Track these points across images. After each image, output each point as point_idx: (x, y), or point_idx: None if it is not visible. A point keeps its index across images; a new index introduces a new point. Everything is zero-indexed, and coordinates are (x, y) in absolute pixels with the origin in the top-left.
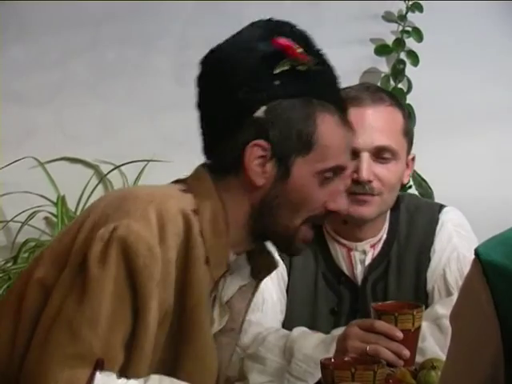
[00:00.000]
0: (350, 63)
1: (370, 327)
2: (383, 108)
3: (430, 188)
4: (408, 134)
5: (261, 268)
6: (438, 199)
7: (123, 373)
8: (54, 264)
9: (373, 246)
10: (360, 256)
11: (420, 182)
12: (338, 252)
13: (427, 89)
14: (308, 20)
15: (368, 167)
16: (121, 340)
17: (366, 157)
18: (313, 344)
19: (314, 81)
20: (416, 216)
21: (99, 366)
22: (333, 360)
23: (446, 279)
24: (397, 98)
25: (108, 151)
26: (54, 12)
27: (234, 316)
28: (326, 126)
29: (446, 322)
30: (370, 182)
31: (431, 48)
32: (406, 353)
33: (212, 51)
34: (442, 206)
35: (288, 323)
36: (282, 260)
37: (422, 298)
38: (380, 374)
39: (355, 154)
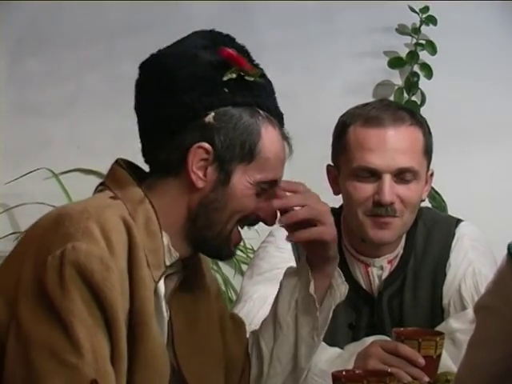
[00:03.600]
0: (363, 76)
1: (393, 350)
2: (404, 128)
3: (443, 201)
4: (428, 152)
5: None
6: (451, 212)
7: None
8: (1, 297)
9: (390, 262)
10: (377, 272)
11: (434, 194)
12: (356, 268)
13: (441, 101)
14: (322, 33)
15: (390, 189)
16: (107, 356)
17: (387, 179)
18: (330, 359)
19: (260, 92)
20: (433, 231)
21: None
22: (344, 373)
23: (461, 294)
24: (417, 116)
25: None
26: (70, 25)
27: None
28: (269, 139)
29: (461, 337)
30: (392, 203)
31: (445, 60)
32: (427, 379)
33: (153, 56)
34: (458, 221)
35: None
36: None
37: (437, 312)
38: None
39: (376, 175)
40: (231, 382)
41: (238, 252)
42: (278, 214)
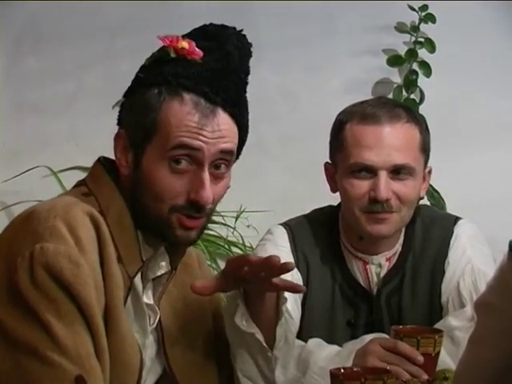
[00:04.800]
0: (362, 74)
1: (392, 348)
2: (400, 125)
3: (442, 199)
4: (425, 150)
5: (176, 257)
6: (450, 210)
7: None
8: None
9: (388, 259)
10: (376, 269)
11: (432, 192)
12: (355, 265)
13: (440, 99)
14: (321, 31)
15: (386, 186)
16: (90, 351)
17: (383, 175)
18: (329, 357)
19: (178, 69)
20: (431, 228)
21: (80, 382)
22: (342, 370)
23: (459, 291)
24: (414, 113)
25: None
26: (69, 23)
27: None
28: (170, 111)
29: (459, 334)
30: (387, 200)
31: (444, 58)
32: (425, 377)
33: None
34: (457, 218)
35: (305, 335)
36: (300, 273)
37: (436, 310)
38: None
39: (372, 171)
40: (224, 379)
41: (237, 250)
42: (207, 194)
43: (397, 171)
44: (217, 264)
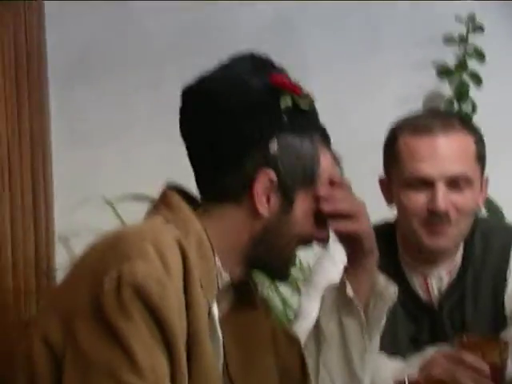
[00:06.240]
0: (412, 88)
1: (457, 358)
2: (454, 135)
3: (500, 211)
4: (481, 159)
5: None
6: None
7: None
8: (55, 319)
9: (449, 273)
10: (437, 283)
11: (490, 203)
12: (415, 279)
13: (492, 109)
14: (367, 46)
15: (444, 197)
16: (167, 375)
17: (441, 186)
18: (393, 371)
19: (313, 118)
20: (491, 239)
21: None
22: (407, 382)
23: None
24: (468, 122)
25: None
26: (118, 52)
27: None
28: (327, 163)
29: None
30: (446, 211)
31: (494, 67)
32: None
33: (199, 82)
34: None
35: None
36: None
37: (500, 322)
38: None
39: (428, 183)
40: None
41: (295, 271)
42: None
43: (454, 182)
44: (276, 286)
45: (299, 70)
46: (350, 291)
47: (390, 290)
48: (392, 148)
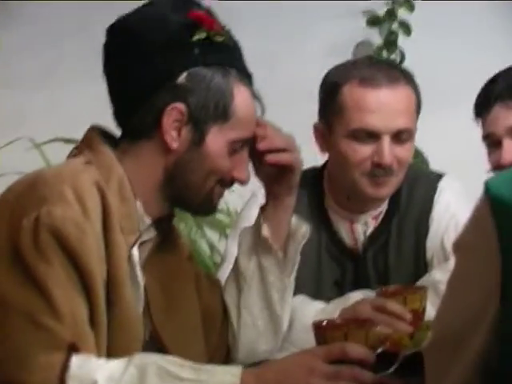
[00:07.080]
0: (342, 36)
1: (382, 307)
2: (400, 88)
3: (425, 159)
4: (418, 110)
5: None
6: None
7: None
8: None
9: (375, 218)
10: (362, 228)
11: (417, 153)
12: (341, 225)
13: (419, 59)
14: None
15: (390, 151)
16: (86, 319)
17: (387, 141)
18: (313, 314)
19: (229, 53)
20: (415, 186)
21: (73, 349)
22: (325, 322)
23: (444, 247)
24: (409, 74)
25: None
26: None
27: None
28: (242, 98)
29: (443, 287)
30: (391, 165)
31: (423, 18)
32: (410, 330)
33: (121, 20)
34: (440, 176)
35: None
36: None
37: (422, 267)
38: (373, 334)
39: (375, 136)
40: (210, 341)
41: (222, 216)
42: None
43: (398, 135)
44: (203, 231)
45: (229, 22)
46: (265, 231)
47: (302, 229)
48: (334, 98)
